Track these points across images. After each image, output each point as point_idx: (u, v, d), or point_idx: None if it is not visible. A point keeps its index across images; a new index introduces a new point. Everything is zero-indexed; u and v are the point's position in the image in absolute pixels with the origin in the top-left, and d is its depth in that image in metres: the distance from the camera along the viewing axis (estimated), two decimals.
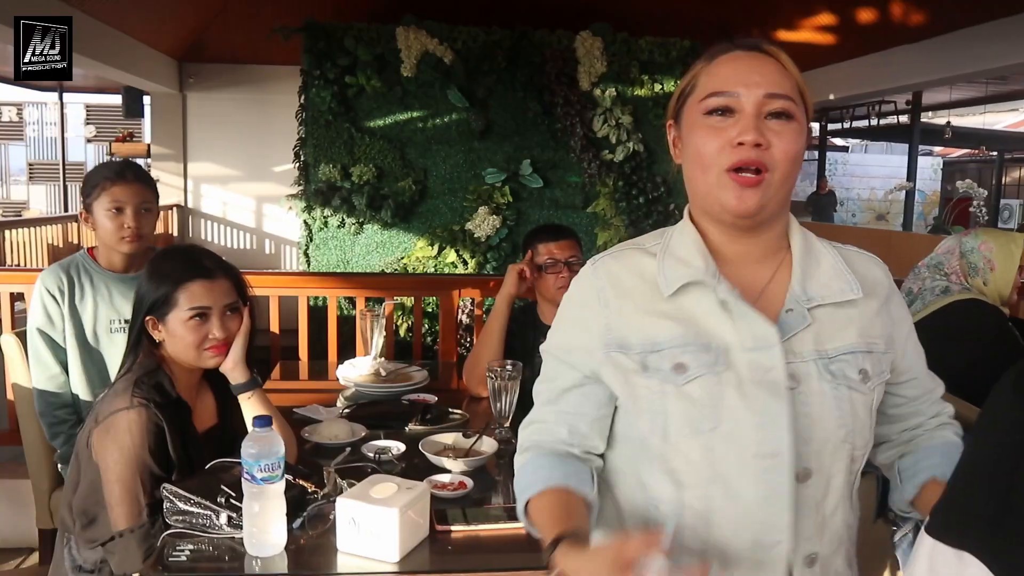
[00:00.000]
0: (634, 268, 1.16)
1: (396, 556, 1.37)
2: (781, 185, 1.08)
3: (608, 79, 7.54)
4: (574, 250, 2.49)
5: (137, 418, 1.56)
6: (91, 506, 1.60)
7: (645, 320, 1.11)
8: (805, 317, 1.08)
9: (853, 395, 1.08)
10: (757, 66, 1.09)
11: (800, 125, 1.09)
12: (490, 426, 2.00)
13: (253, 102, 9.34)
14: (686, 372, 1.07)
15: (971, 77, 7.49)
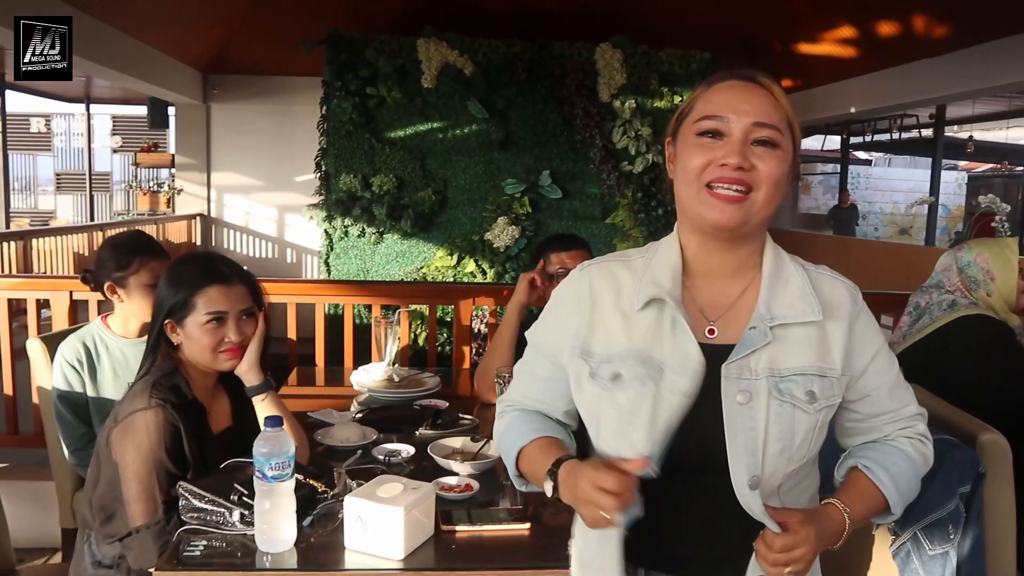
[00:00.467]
0: (613, 280, 1.23)
1: (401, 554, 1.39)
2: (764, 205, 1.14)
3: (627, 91, 7.57)
4: (585, 260, 2.49)
5: (155, 418, 1.60)
6: (109, 502, 1.64)
7: (609, 332, 1.19)
8: (766, 335, 1.14)
9: (796, 413, 1.13)
10: (749, 96, 1.15)
11: (784, 152, 1.15)
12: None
13: (275, 113, 9.46)
14: (620, 381, 1.16)
15: (995, 91, 7.43)
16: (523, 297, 2.47)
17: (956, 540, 1.59)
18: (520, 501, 1.72)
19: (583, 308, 1.23)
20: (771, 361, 1.14)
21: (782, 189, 1.16)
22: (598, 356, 1.19)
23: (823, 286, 1.21)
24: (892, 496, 1.20)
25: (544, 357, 1.29)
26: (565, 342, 1.23)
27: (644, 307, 1.18)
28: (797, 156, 1.20)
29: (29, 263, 6.20)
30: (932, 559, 1.58)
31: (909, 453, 1.24)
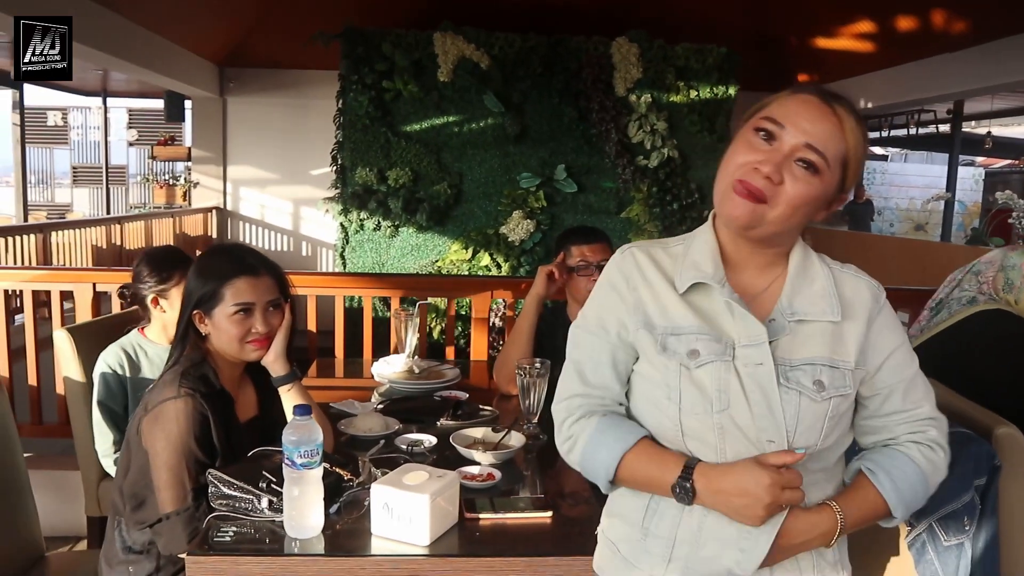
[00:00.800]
0: (655, 263, 1.26)
1: (427, 540, 1.42)
2: (777, 222, 1.17)
3: (643, 85, 7.57)
4: (606, 253, 2.50)
5: (184, 407, 1.63)
6: (140, 489, 1.68)
7: (666, 307, 1.22)
8: (784, 328, 1.19)
9: (803, 400, 1.17)
10: (817, 117, 1.15)
11: (822, 183, 1.16)
12: (518, 422, 2.06)
13: (291, 106, 9.49)
14: (698, 358, 1.18)
15: (1014, 87, 7.38)
16: (541, 290, 2.48)
17: (971, 532, 1.61)
18: (540, 490, 1.75)
19: (635, 285, 1.26)
20: (784, 351, 1.18)
21: (802, 214, 1.17)
22: (660, 328, 1.21)
23: (846, 285, 1.25)
24: (892, 500, 1.22)
25: (600, 339, 1.27)
26: (627, 317, 1.25)
27: (689, 291, 1.22)
28: (841, 193, 1.20)
29: (48, 256, 6.28)
30: (947, 550, 1.60)
31: (916, 459, 1.25)
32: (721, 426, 1.17)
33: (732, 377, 1.17)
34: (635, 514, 1.27)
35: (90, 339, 2.47)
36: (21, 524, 1.96)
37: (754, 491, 1.13)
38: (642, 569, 1.24)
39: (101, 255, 7.16)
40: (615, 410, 1.28)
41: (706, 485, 1.16)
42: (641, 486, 1.24)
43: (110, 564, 1.72)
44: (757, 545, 1.17)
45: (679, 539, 1.22)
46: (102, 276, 3.18)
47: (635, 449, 1.22)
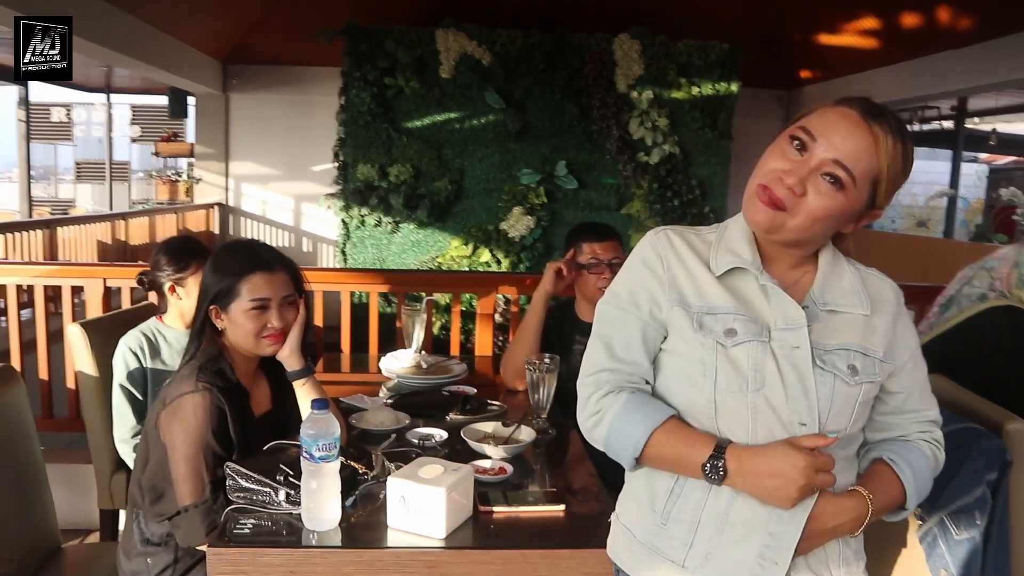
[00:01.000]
0: (690, 246, 1.28)
1: (443, 532, 1.43)
2: (797, 230, 1.18)
3: (645, 82, 7.57)
4: (617, 251, 2.51)
5: (202, 401, 1.65)
6: (159, 482, 1.69)
7: (702, 287, 1.24)
8: (817, 316, 1.22)
9: (837, 383, 1.19)
10: (851, 132, 1.15)
11: (846, 199, 1.16)
12: (527, 416, 2.08)
13: (294, 103, 9.49)
14: (735, 336, 1.20)
15: (1019, 83, 7.37)
16: (550, 286, 2.49)
17: (982, 526, 1.62)
18: (550, 484, 1.77)
19: (669, 264, 1.26)
20: (818, 336, 1.21)
21: (822, 226, 1.19)
22: (696, 307, 1.22)
23: (871, 284, 1.29)
24: (910, 491, 1.25)
25: (632, 315, 1.27)
26: (661, 295, 1.25)
27: (725, 274, 1.24)
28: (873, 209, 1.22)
29: (55, 251, 6.30)
30: (958, 544, 1.62)
31: (927, 455, 1.30)
32: (755, 405, 1.18)
33: (768, 358, 1.18)
34: (656, 499, 1.26)
35: (103, 333, 2.49)
36: (39, 517, 1.98)
37: (789, 472, 1.12)
38: (661, 554, 1.24)
39: (106, 250, 7.17)
40: (642, 387, 1.27)
41: (738, 466, 1.16)
42: (668, 465, 1.23)
43: (128, 556, 1.73)
44: (788, 531, 1.17)
45: (703, 522, 1.21)
46: (112, 271, 3.19)
47: (664, 427, 1.21)
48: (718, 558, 1.20)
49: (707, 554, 1.21)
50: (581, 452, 1.96)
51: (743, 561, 1.19)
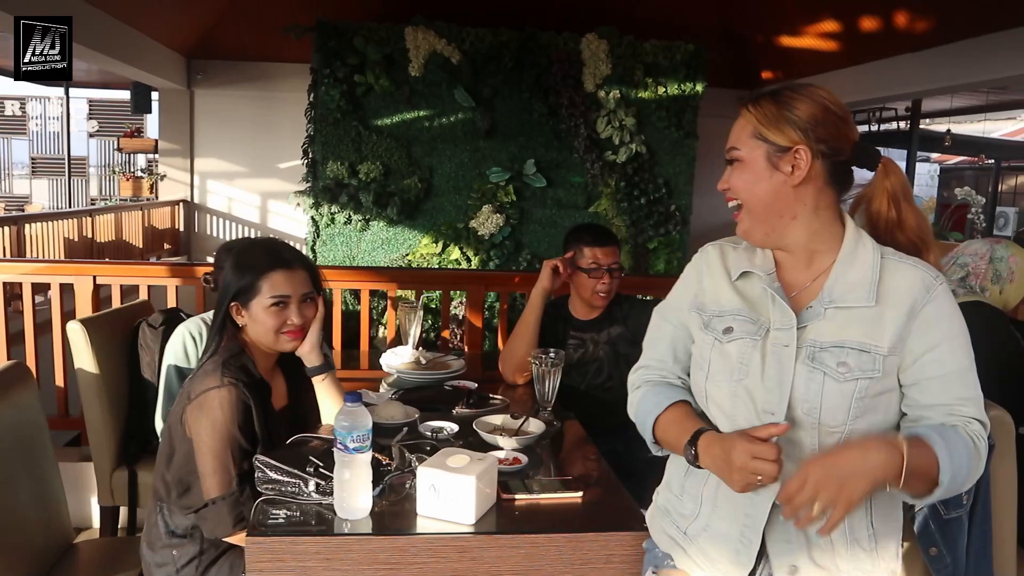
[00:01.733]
0: (722, 258, 1.45)
1: (472, 519, 1.50)
2: (760, 215, 1.35)
3: (612, 81, 7.67)
4: (616, 257, 2.57)
5: (228, 395, 1.69)
6: (185, 476, 1.73)
7: (720, 293, 1.40)
8: (820, 315, 1.31)
9: (827, 380, 1.27)
10: (733, 127, 1.38)
11: (749, 163, 1.34)
12: (534, 408, 2.15)
13: (260, 99, 9.40)
14: (731, 334, 1.35)
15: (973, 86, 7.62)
16: (547, 283, 2.55)
17: (968, 505, 1.74)
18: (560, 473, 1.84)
19: (701, 276, 1.45)
20: (817, 334, 1.29)
21: (762, 192, 1.33)
22: (709, 311, 1.40)
23: (896, 274, 1.31)
24: (944, 464, 1.21)
25: (666, 321, 1.49)
26: (685, 302, 1.46)
27: (741, 278, 1.39)
28: (785, 152, 1.31)
29: (22, 248, 6.19)
30: (947, 523, 1.73)
31: (963, 436, 1.27)
32: (735, 393, 1.33)
33: (756, 353, 1.31)
34: (677, 475, 1.45)
35: (103, 330, 2.51)
36: (54, 513, 2.00)
37: (731, 458, 1.24)
38: (671, 519, 1.44)
39: (73, 247, 7.07)
40: (671, 381, 1.48)
41: (704, 450, 1.31)
42: (670, 446, 1.42)
43: (153, 548, 1.77)
44: (758, 512, 1.31)
45: (704, 497, 1.38)
46: (103, 269, 3.19)
47: (665, 413, 1.41)
48: (712, 531, 1.37)
49: (705, 526, 1.38)
50: (586, 442, 2.05)
51: (729, 536, 1.34)
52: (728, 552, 1.34)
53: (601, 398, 2.57)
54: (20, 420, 1.92)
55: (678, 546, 1.42)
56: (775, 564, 1.33)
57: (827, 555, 1.32)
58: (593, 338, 2.61)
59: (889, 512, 1.38)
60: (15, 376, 1.96)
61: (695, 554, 1.39)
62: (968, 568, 1.76)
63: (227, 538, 1.68)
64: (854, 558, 1.33)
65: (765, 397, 1.29)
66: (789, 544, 1.32)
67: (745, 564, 1.33)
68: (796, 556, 1.32)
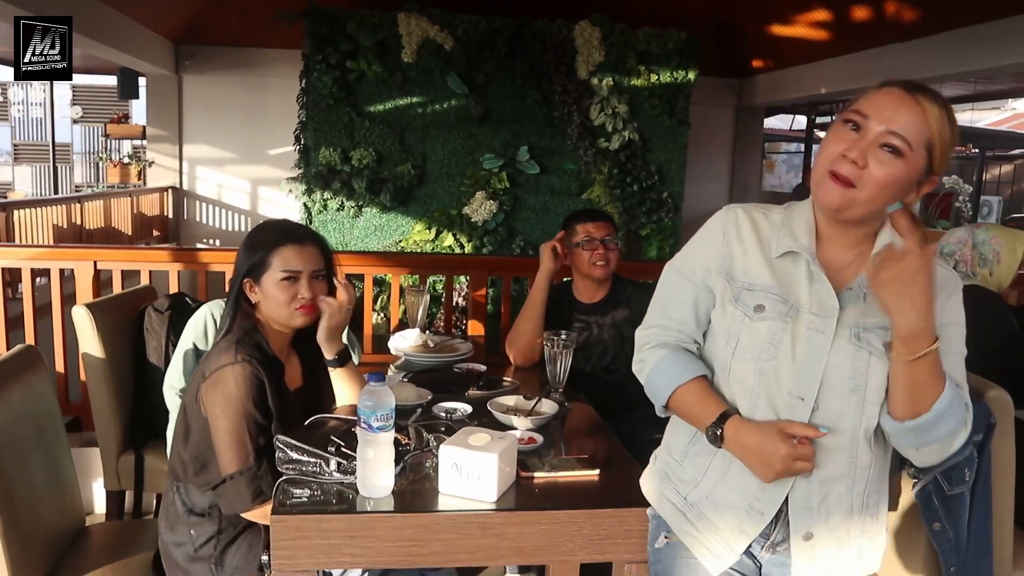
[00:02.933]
0: (754, 224, 1.41)
1: (494, 496, 1.48)
2: (867, 202, 1.27)
3: (605, 69, 7.70)
4: (609, 230, 2.63)
5: (242, 372, 1.70)
6: (202, 452, 1.74)
7: (751, 264, 1.37)
8: (860, 297, 1.32)
9: (872, 360, 1.30)
10: (899, 105, 1.25)
11: (906, 165, 1.25)
12: (545, 389, 2.18)
13: (250, 85, 9.33)
14: (763, 312, 1.34)
15: (961, 76, 7.68)
16: (551, 264, 2.58)
17: (970, 482, 1.78)
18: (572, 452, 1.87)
19: (729, 239, 1.40)
20: (860, 315, 1.31)
21: (889, 195, 1.26)
22: (739, 282, 1.37)
23: None
24: (946, 395, 1.25)
25: (688, 281, 1.44)
26: (713, 265, 1.41)
27: (782, 256, 1.36)
28: (931, 175, 1.29)
29: (11, 234, 6.15)
30: (951, 498, 1.77)
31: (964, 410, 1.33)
32: (763, 372, 1.33)
33: (787, 334, 1.32)
34: (680, 441, 1.46)
35: (109, 315, 2.50)
36: (67, 496, 2.01)
37: (770, 458, 1.28)
38: (671, 483, 1.45)
39: (62, 234, 7.02)
40: (687, 346, 1.44)
41: (732, 436, 1.33)
42: (685, 418, 1.43)
43: (172, 528, 1.78)
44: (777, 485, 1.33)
45: (712, 467, 1.40)
46: (103, 254, 3.18)
47: (687, 386, 1.39)
48: (715, 499, 1.39)
49: (708, 494, 1.40)
50: (599, 422, 2.07)
51: (733, 506, 1.37)
52: (731, 521, 1.37)
53: (606, 380, 2.60)
54: (33, 404, 1.93)
55: (678, 511, 1.44)
56: (793, 529, 1.36)
57: (842, 522, 1.37)
58: (598, 321, 2.64)
59: (884, 480, 1.44)
60: (27, 360, 1.96)
61: (695, 519, 1.41)
62: (969, 542, 1.80)
63: (245, 513, 1.70)
64: (863, 523, 1.40)
65: (795, 381, 1.31)
66: (809, 511, 1.35)
67: (749, 533, 1.37)
68: (814, 523, 1.36)
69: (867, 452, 1.35)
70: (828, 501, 1.35)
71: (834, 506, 1.36)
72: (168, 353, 2.57)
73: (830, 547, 1.38)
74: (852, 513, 1.38)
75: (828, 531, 1.37)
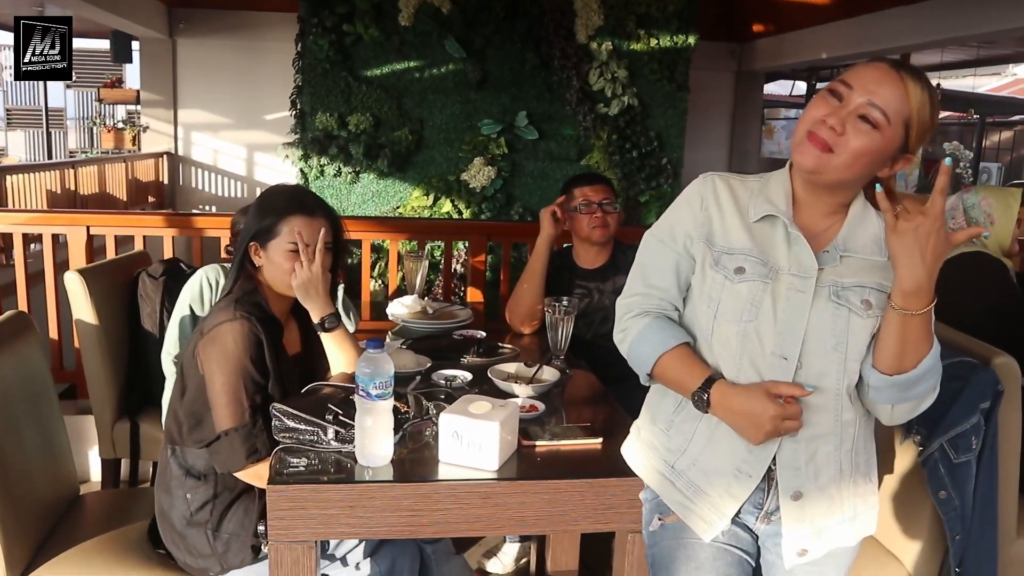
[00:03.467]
0: (732, 191, 1.43)
1: (495, 465, 1.50)
2: (841, 168, 1.29)
3: (605, 32, 7.57)
4: (607, 194, 2.60)
5: (240, 328, 1.65)
6: (198, 408, 1.71)
7: (729, 230, 1.39)
8: (835, 259, 1.35)
9: (852, 317, 1.33)
10: (882, 79, 1.27)
11: (882, 138, 1.27)
12: (547, 356, 2.14)
13: (245, 49, 9.18)
14: (743, 274, 1.35)
15: (963, 40, 7.59)
16: (551, 229, 2.54)
17: (977, 450, 1.76)
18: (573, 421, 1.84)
19: (708, 205, 1.42)
20: (836, 275, 1.34)
21: (862, 165, 1.29)
22: (719, 246, 1.38)
23: None
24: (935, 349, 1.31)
25: (668, 247, 1.44)
26: (693, 230, 1.41)
27: (759, 220, 1.38)
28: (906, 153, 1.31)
29: (4, 199, 6.08)
30: (957, 467, 1.76)
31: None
32: (745, 334, 1.34)
33: (767, 295, 1.33)
34: (665, 409, 1.46)
35: (102, 281, 2.46)
36: (60, 464, 1.99)
37: (759, 418, 1.29)
38: (658, 453, 1.45)
39: (56, 199, 6.95)
40: (669, 313, 1.44)
41: (719, 400, 1.33)
42: (670, 385, 1.42)
43: (168, 491, 1.75)
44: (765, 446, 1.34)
45: (697, 433, 1.40)
46: (96, 219, 3.13)
47: (672, 352, 1.39)
48: (703, 466, 1.40)
49: (695, 461, 1.41)
50: (601, 390, 2.05)
51: (722, 471, 1.38)
52: (720, 486, 1.38)
53: (607, 347, 2.55)
54: (25, 371, 1.90)
55: (666, 480, 1.44)
56: (782, 490, 1.37)
57: (832, 481, 1.38)
58: (599, 287, 2.61)
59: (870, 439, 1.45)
60: (18, 327, 1.92)
61: (684, 487, 1.41)
62: (975, 510, 1.79)
63: (239, 472, 1.68)
64: (855, 483, 1.41)
65: (777, 341, 1.32)
66: (798, 471, 1.36)
67: (739, 497, 1.37)
68: (803, 482, 1.37)
69: (850, 409, 1.37)
70: (816, 460, 1.37)
71: (822, 465, 1.37)
72: (163, 319, 2.54)
73: (820, 507, 1.38)
74: (842, 472, 1.39)
75: (817, 490, 1.37)
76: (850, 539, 1.43)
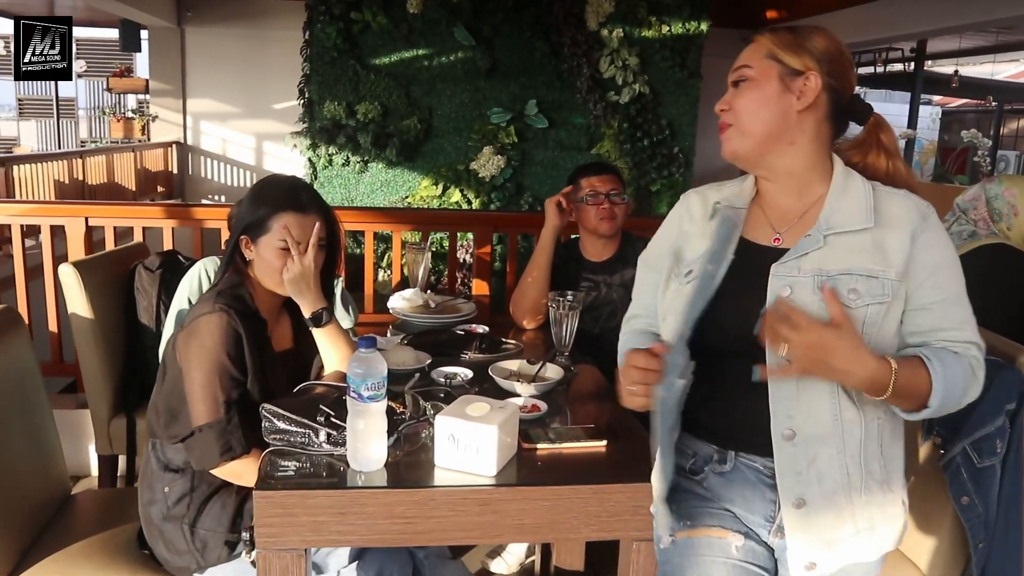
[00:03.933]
0: (703, 203, 1.44)
1: (493, 470, 1.39)
2: (748, 131, 1.32)
3: (616, 19, 7.47)
4: (615, 184, 2.52)
5: (218, 321, 1.60)
6: (174, 403, 1.66)
7: (696, 241, 1.40)
8: (819, 241, 1.28)
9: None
10: (743, 53, 1.35)
11: (757, 81, 1.31)
12: (550, 353, 2.07)
13: (253, 37, 9.13)
14: (691, 275, 1.36)
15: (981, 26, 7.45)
16: (556, 220, 2.47)
17: (1002, 454, 1.67)
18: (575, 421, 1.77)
19: (683, 222, 1.45)
20: (821, 262, 1.27)
21: (763, 115, 1.30)
22: (684, 261, 1.40)
23: (891, 202, 1.30)
24: (937, 386, 1.22)
25: (652, 269, 1.50)
26: (664, 251, 1.46)
27: (712, 217, 1.40)
28: (796, 77, 1.30)
29: (11, 190, 6.05)
30: (980, 471, 1.67)
31: (961, 361, 1.27)
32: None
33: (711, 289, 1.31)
34: None
35: (97, 274, 2.40)
36: (50, 464, 1.93)
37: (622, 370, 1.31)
38: None
39: (64, 190, 6.92)
40: (655, 331, 1.48)
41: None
42: None
43: (149, 486, 1.70)
44: None
45: None
46: (95, 210, 3.07)
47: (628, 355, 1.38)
48: None
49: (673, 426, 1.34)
50: (607, 388, 1.97)
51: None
52: None
53: (615, 342, 2.49)
54: (11, 367, 1.84)
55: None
56: (783, 498, 1.29)
57: (841, 490, 1.29)
58: (606, 280, 2.53)
59: (895, 440, 1.35)
60: (5, 321, 1.86)
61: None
62: (998, 517, 1.70)
63: (215, 470, 1.62)
64: (867, 492, 1.30)
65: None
66: (799, 476, 1.28)
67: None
68: (805, 488, 1.28)
69: (852, 408, 1.28)
70: (818, 464, 1.28)
71: (825, 469, 1.28)
72: (159, 313, 2.48)
73: (827, 516, 1.29)
74: (850, 478, 1.29)
75: (823, 498, 1.28)
76: (868, 554, 1.33)
